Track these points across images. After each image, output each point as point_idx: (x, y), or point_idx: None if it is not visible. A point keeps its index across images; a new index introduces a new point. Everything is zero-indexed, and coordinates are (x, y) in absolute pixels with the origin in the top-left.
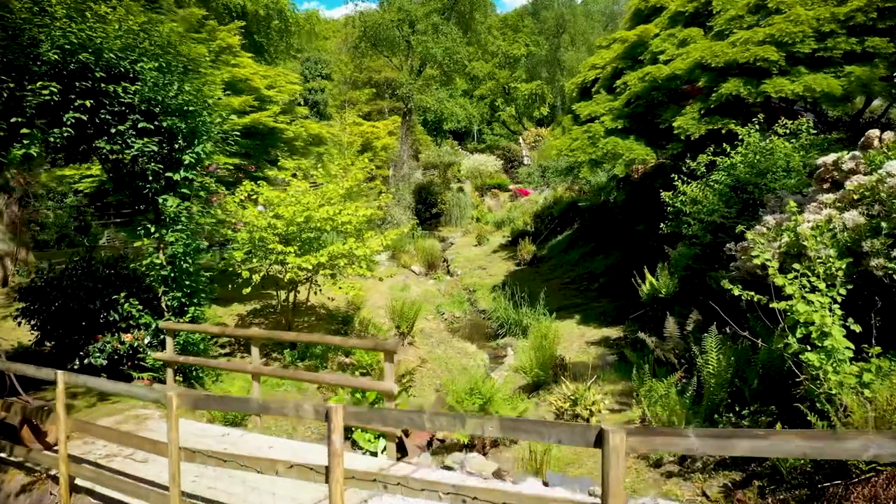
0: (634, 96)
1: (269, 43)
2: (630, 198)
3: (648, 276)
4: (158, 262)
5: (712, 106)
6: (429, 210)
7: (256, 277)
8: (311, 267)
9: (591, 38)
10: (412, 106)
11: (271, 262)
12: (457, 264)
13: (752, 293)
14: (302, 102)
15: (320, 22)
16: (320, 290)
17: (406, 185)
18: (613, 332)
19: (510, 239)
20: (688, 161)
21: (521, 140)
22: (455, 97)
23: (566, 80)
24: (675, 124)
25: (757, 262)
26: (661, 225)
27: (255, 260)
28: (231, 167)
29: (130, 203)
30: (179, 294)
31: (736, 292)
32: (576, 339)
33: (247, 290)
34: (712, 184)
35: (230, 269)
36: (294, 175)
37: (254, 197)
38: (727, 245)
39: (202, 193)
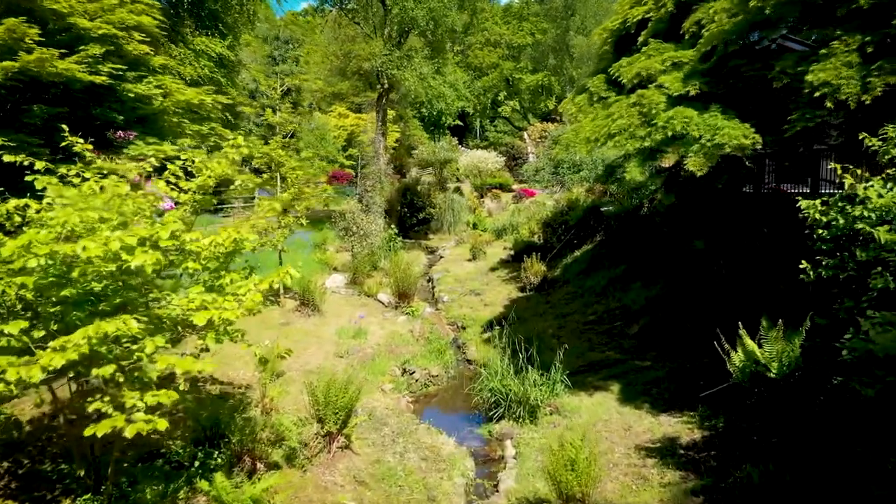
0: (721, 41)
1: (225, 11)
2: (680, 202)
3: (746, 337)
4: None
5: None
6: (415, 215)
7: None
8: (46, 372)
9: (604, 20)
10: (387, 84)
11: None
12: (444, 287)
13: None
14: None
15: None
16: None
17: (378, 185)
18: (680, 427)
19: (513, 253)
20: (866, 139)
21: (525, 136)
22: (443, 73)
23: (576, 69)
24: (811, 78)
25: None
26: (811, 271)
27: None
28: None
29: None
30: None
31: None
32: (618, 437)
33: None
34: None
35: None
36: (118, 173)
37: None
38: None
39: None
